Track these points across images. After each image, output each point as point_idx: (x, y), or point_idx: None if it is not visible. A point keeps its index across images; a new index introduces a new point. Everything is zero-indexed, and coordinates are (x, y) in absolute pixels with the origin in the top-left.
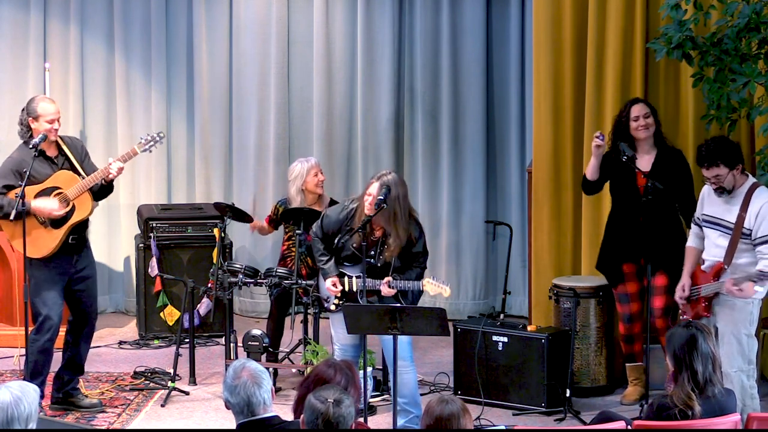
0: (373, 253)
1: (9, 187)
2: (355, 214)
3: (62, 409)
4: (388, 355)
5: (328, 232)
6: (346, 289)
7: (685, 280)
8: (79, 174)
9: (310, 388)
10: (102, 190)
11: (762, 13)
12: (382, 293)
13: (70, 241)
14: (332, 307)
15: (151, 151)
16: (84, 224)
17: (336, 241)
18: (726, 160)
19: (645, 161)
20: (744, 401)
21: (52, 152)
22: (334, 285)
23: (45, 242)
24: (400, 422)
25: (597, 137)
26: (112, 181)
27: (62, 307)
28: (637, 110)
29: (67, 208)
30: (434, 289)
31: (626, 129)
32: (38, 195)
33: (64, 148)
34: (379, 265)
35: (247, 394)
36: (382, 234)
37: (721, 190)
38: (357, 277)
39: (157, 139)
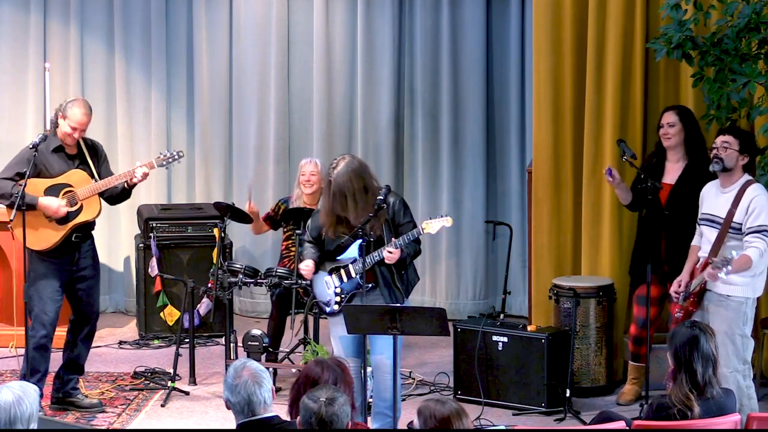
0: (361, 233)
1: (22, 175)
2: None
3: (62, 409)
4: (375, 366)
5: (314, 235)
6: (345, 279)
7: (682, 276)
8: (93, 176)
9: (300, 389)
10: (121, 194)
11: (762, 13)
12: (386, 259)
13: (73, 238)
14: (335, 308)
15: (167, 168)
16: (90, 224)
17: (323, 237)
18: (742, 140)
19: (673, 170)
20: (741, 401)
21: (71, 150)
22: (306, 266)
23: (47, 236)
24: (376, 426)
25: (606, 173)
26: (134, 185)
27: (59, 304)
28: (663, 118)
29: (73, 208)
30: (435, 227)
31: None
32: (48, 189)
33: (84, 149)
34: (372, 240)
35: (247, 392)
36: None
37: (718, 160)
38: (352, 262)
39: (176, 157)
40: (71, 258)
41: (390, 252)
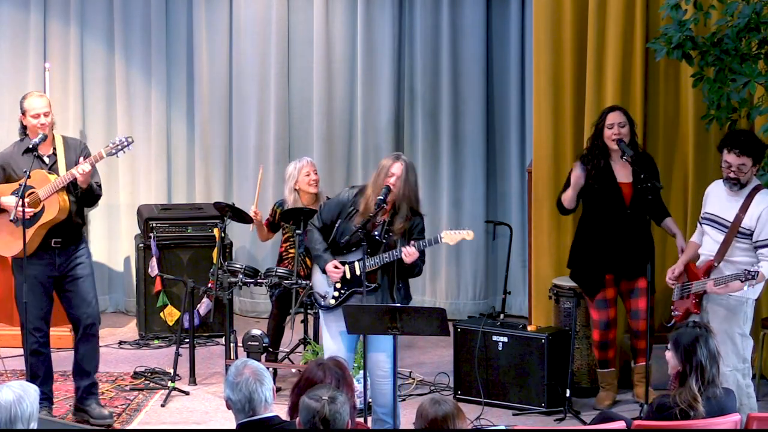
0: (377, 233)
1: None
2: (359, 197)
3: (78, 417)
4: (372, 366)
5: (326, 221)
6: (348, 276)
7: (677, 265)
8: (59, 174)
9: (302, 392)
10: (84, 196)
11: (762, 13)
12: (404, 257)
13: (52, 244)
14: (332, 302)
15: (118, 156)
16: (66, 227)
17: (336, 226)
18: (756, 155)
19: (623, 170)
20: (740, 400)
21: (44, 150)
22: (336, 267)
23: (14, 241)
24: None
25: (578, 166)
26: (89, 186)
27: (44, 309)
28: (612, 118)
29: (36, 210)
30: (455, 238)
31: (601, 136)
32: (14, 192)
33: (58, 147)
34: (384, 241)
35: (249, 390)
36: (388, 215)
37: (736, 182)
38: (359, 260)
39: (126, 143)
40: (51, 263)
41: (409, 252)
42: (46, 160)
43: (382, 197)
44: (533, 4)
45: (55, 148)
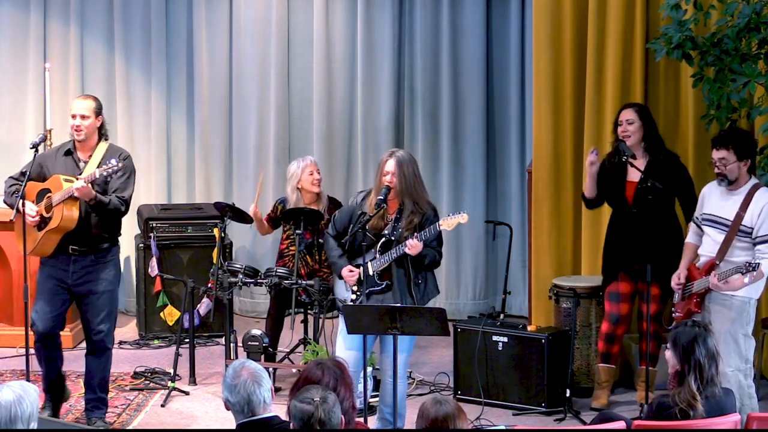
0: (387, 232)
1: (26, 175)
2: (365, 200)
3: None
4: (385, 367)
5: (339, 229)
6: (361, 276)
7: (680, 270)
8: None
9: None
10: (96, 210)
11: (762, 13)
12: (408, 249)
13: (69, 250)
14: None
15: (110, 178)
16: (82, 236)
17: (350, 230)
18: (737, 148)
19: (635, 169)
20: (742, 400)
21: (83, 153)
22: (351, 271)
23: (32, 243)
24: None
25: (591, 152)
26: (96, 200)
27: (53, 314)
28: (622, 115)
29: (48, 214)
30: (452, 223)
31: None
32: (38, 194)
33: (96, 154)
34: (393, 238)
35: (247, 392)
36: (396, 212)
37: (722, 177)
38: (371, 259)
39: (117, 168)
40: (65, 269)
41: (411, 244)
42: (81, 165)
43: (381, 197)
44: (533, 4)
45: (91, 155)
